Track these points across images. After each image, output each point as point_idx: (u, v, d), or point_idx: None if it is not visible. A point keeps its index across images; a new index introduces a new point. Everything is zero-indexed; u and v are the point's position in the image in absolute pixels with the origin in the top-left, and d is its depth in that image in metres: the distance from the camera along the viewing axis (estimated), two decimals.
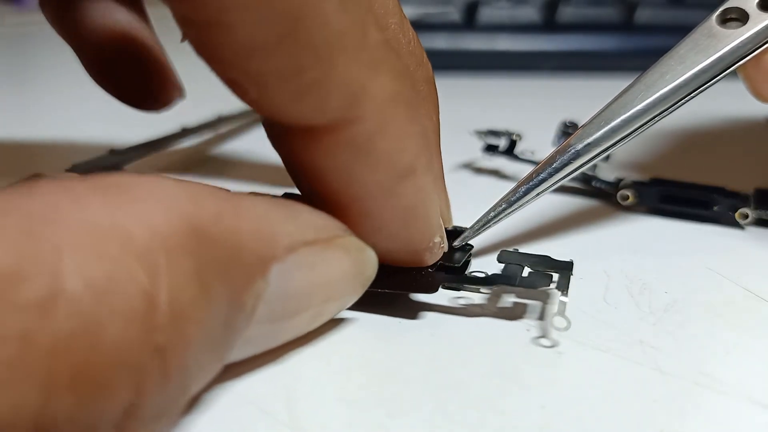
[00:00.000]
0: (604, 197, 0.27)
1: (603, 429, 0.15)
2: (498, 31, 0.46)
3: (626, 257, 0.22)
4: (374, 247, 0.18)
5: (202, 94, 0.31)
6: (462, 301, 0.20)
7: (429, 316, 0.19)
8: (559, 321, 0.17)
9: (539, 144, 0.29)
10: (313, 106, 0.16)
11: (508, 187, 0.21)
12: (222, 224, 0.13)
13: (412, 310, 0.19)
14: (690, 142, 0.35)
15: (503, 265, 0.19)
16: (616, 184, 0.26)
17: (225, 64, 0.15)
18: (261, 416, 0.15)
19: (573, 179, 0.27)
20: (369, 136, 0.16)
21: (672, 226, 0.25)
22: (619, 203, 0.26)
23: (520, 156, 0.28)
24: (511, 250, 0.20)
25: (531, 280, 0.18)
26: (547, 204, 0.27)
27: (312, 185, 0.18)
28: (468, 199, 0.28)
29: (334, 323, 0.18)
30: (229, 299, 0.13)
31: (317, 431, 0.15)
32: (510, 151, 0.29)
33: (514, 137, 0.29)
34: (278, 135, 0.17)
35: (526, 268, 0.19)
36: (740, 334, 0.19)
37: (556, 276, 0.19)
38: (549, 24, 0.46)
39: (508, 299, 0.20)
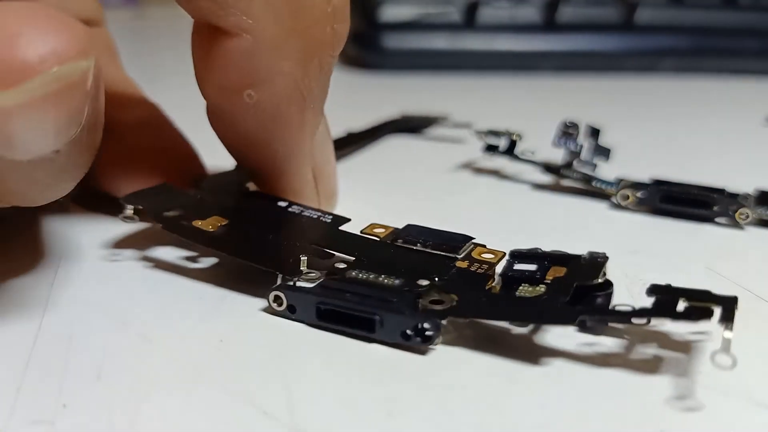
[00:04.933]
0: (604, 197, 0.27)
1: (603, 429, 0.15)
2: (498, 31, 0.46)
3: (626, 257, 0.22)
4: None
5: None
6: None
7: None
8: (722, 359, 0.15)
9: (539, 144, 0.29)
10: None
11: (508, 187, 0.21)
12: None
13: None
14: (690, 142, 0.35)
15: (652, 298, 0.17)
16: (616, 184, 0.26)
17: None
18: (261, 416, 0.15)
19: (573, 179, 0.27)
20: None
21: (672, 226, 0.25)
22: (619, 203, 0.26)
23: (521, 156, 0.28)
24: (663, 284, 0.17)
25: (689, 314, 0.16)
26: (547, 204, 0.27)
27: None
28: (468, 200, 0.28)
29: None
30: None
31: (317, 431, 0.15)
32: (510, 151, 0.29)
33: (514, 137, 0.29)
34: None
35: (681, 302, 0.17)
36: (740, 334, 0.19)
37: (717, 310, 0.16)
38: (549, 24, 0.46)
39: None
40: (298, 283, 0.18)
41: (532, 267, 0.19)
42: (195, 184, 0.23)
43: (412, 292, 0.18)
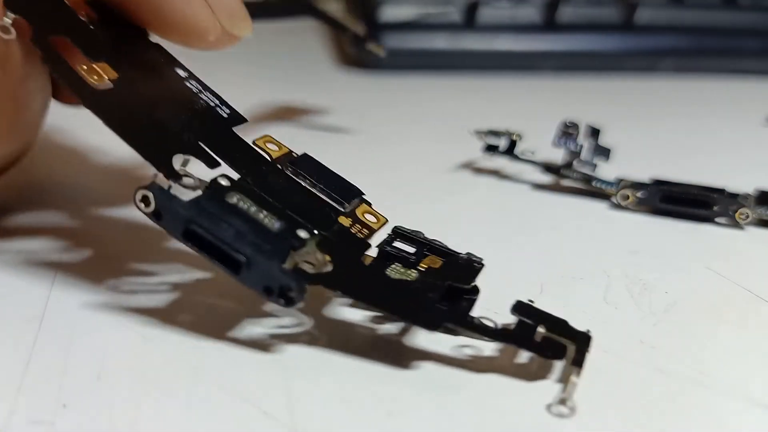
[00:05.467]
0: (604, 197, 0.27)
1: (603, 429, 0.15)
2: (498, 31, 0.46)
3: (626, 257, 0.22)
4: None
5: None
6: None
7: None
8: (558, 409, 0.15)
9: (539, 144, 0.29)
10: None
11: (508, 187, 0.21)
12: None
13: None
14: (690, 142, 0.35)
15: (515, 318, 0.17)
16: (616, 184, 0.26)
17: None
18: (261, 416, 0.15)
19: (573, 179, 0.27)
20: None
21: (672, 226, 0.25)
22: (619, 203, 0.26)
23: (521, 156, 0.28)
24: (526, 302, 0.17)
25: (543, 348, 0.16)
26: (547, 204, 0.27)
27: None
28: (468, 200, 0.28)
29: (334, 323, 0.18)
30: None
31: (317, 431, 0.15)
32: (510, 151, 0.29)
33: (514, 137, 0.29)
34: None
35: (539, 329, 0.16)
36: (740, 334, 0.19)
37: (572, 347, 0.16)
38: (549, 24, 0.46)
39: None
40: (173, 190, 0.17)
41: (411, 249, 0.19)
42: (92, 10, 0.20)
43: (289, 242, 0.16)
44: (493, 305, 0.18)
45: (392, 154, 0.32)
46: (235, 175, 0.18)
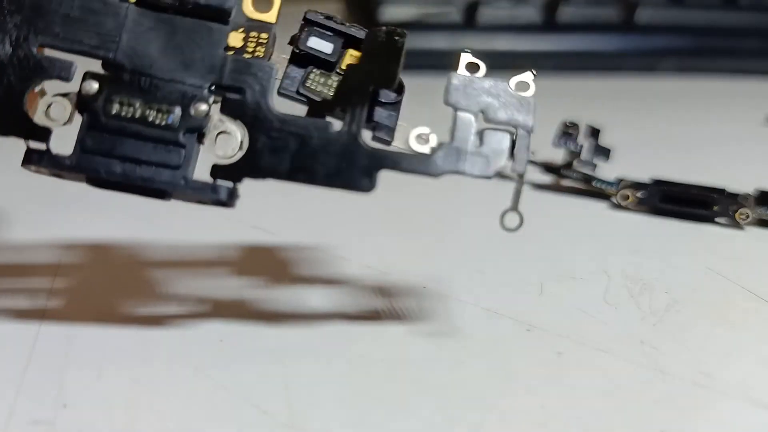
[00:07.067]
0: (604, 197, 0.27)
1: (603, 429, 0.15)
2: (498, 31, 0.46)
3: (626, 257, 0.22)
4: None
5: None
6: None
7: (429, 316, 0.19)
8: (511, 218, 0.15)
9: (539, 144, 0.29)
10: None
11: (508, 187, 0.21)
12: None
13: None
14: (690, 142, 0.35)
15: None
16: (616, 184, 0.26)
17: None
18: (261, 416, 0.15)
19: (573, 179, 0.27)
20: None
21: (672, 226, 0.25)
22: (619, 203, 0.26)
23: None
24: None
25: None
26: (547, 204, 0.27)
27: None
28: (468, 200, 0.28)
29: (334, 323, 0.18)
30: None
31: (317, 431, 0.15)
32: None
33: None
34: None
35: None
36: (740, 334, 0.19)
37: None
38: (549, 24, 0.46)
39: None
40: (53, 149, 0.15)
41: (328, 47, 0.17)
42: None
43: (192, 128, 0.15)
44: (493, 305, 0.18)
45: None
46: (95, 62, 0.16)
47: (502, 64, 0.53)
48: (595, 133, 0.28)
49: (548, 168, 0.28)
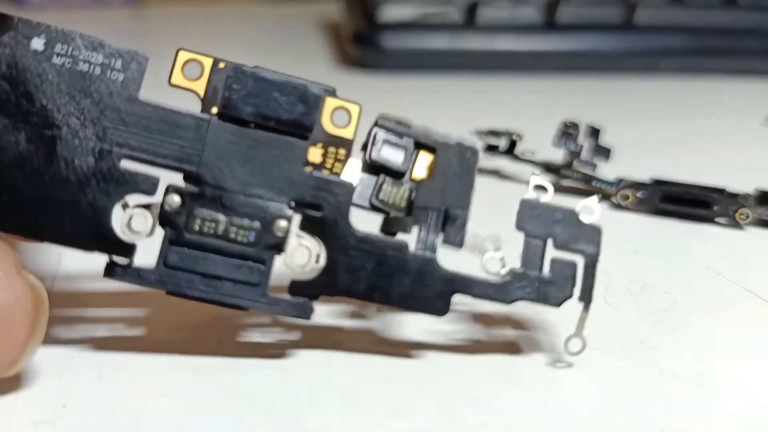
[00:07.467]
0: (604, 197, 0.27)
1: (603, 429, 0.15)
2: (498, 31, 0.46)
3: (626, 257, 0.22)
4: None
5: None
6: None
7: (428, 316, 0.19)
8: (574, 343, 0.16)
9: (539, 144, 0.29)
10: None
11: (508, 187, 0.21)
12: None
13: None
14: (690, 142, 0.35)
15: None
16: (616, 184, 0.26)
17: None
18: (261, 416, 0.15)
19: (573, 179, 0.27)
20: None
21: (672, 226, 0.25)
22: (619, 203, 0.26)
23: (521, 156, 0.28)
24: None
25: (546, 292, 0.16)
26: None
27: None
28: None
29: (333, 323, 0.18)
30: None
31: (317, 431, 0.15)
32: (510, 151, 0.29)
33: (514, 137, 0.29)
34: None
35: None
36: (740, 334, 0.19)
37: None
38: (549, 24, 0.46)
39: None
40: (135, 263, 0.15)
41: (400, 156, 0.17)
42: None
43: (272, 245, 0.15)
44: (493, 305, 0.18)
45: None
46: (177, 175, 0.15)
47: (502, 64, 0.53)
48: (595, 133, 0.28)
49: (548, 168, 0.28)
